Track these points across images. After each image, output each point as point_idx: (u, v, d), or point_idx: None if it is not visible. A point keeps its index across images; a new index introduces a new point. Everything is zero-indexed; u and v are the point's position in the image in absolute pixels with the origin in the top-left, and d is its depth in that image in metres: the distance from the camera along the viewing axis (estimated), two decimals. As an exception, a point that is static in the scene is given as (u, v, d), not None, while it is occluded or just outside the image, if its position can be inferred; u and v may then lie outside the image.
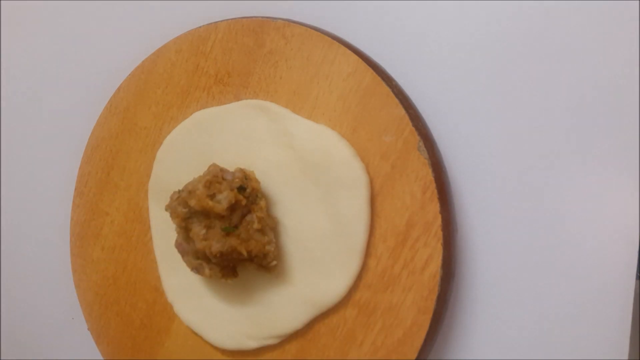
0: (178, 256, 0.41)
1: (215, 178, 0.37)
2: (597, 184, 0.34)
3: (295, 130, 0.38)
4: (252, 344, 0.40)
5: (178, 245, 0.39)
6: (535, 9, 0.35)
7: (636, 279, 0.34)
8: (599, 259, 0.34)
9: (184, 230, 0.38)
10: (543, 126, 0.35)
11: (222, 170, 0.38)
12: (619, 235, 0.34)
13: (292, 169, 0.38)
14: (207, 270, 0.37)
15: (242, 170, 0.38)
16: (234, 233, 0.36)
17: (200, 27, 0.43)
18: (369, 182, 0.36)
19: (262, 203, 0.37)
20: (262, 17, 0.41)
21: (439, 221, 0.34)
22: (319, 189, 0.38)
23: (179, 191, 0.38)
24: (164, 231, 0.43)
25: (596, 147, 0.34)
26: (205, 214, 0.37)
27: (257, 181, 0.38)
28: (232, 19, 0.42)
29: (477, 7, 0.37)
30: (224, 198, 0.36)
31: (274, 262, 0.38)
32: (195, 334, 0.42)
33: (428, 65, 0.38)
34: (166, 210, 0.39)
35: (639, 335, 0.35)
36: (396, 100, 0.36)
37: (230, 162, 0.40)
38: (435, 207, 0.35)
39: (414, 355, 0.35)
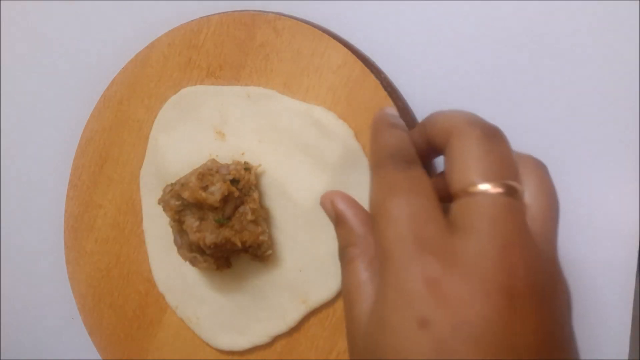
0: (170, 246, 0.41)
1: (208, 170, 0.37)
2: (597, 184, 0.34)
3: (294, 110, 0.38)
4: (243, 343, 0.40)
5: (174, 241, 0.39)
6: (529, 5, 0.35)
7: (636, 279, 0.34)
8: (599, 258, 0.34)
9: (178, 223, 0.38)
10: (542, 126, 0.35)
11: (216, 163, 0.38)
12: (619, 235, 0.34)
13: (290, 149, 0.38)
14: (202, 263, 0.38)
15: (239, 163, 0.38)
16: (228, 224, 0.37)
17: (192, 20, 0.43)
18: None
19: (255, 195, 0.38)
20: (254, 10, 0.41)
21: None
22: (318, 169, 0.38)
23: (172, 184, 0.39)
24: (156, 222, 0.44)
25: (596, 146, 0.34)
26: (199, 206, 0.37)
27: (255, 175, 0.38)
28: (224, 12, 0.42)
29: (468, 1, 0.37)
30: (217, 190, 0.36)
31: (269, 251, 0.38)
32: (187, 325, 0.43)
33: (417, 58, 0.38)
34: (159, 203, 0.39)
35: (639, 335, 0.35)
36: (384, 93, 0.36)
37: (223, 141, 0.40)
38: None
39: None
